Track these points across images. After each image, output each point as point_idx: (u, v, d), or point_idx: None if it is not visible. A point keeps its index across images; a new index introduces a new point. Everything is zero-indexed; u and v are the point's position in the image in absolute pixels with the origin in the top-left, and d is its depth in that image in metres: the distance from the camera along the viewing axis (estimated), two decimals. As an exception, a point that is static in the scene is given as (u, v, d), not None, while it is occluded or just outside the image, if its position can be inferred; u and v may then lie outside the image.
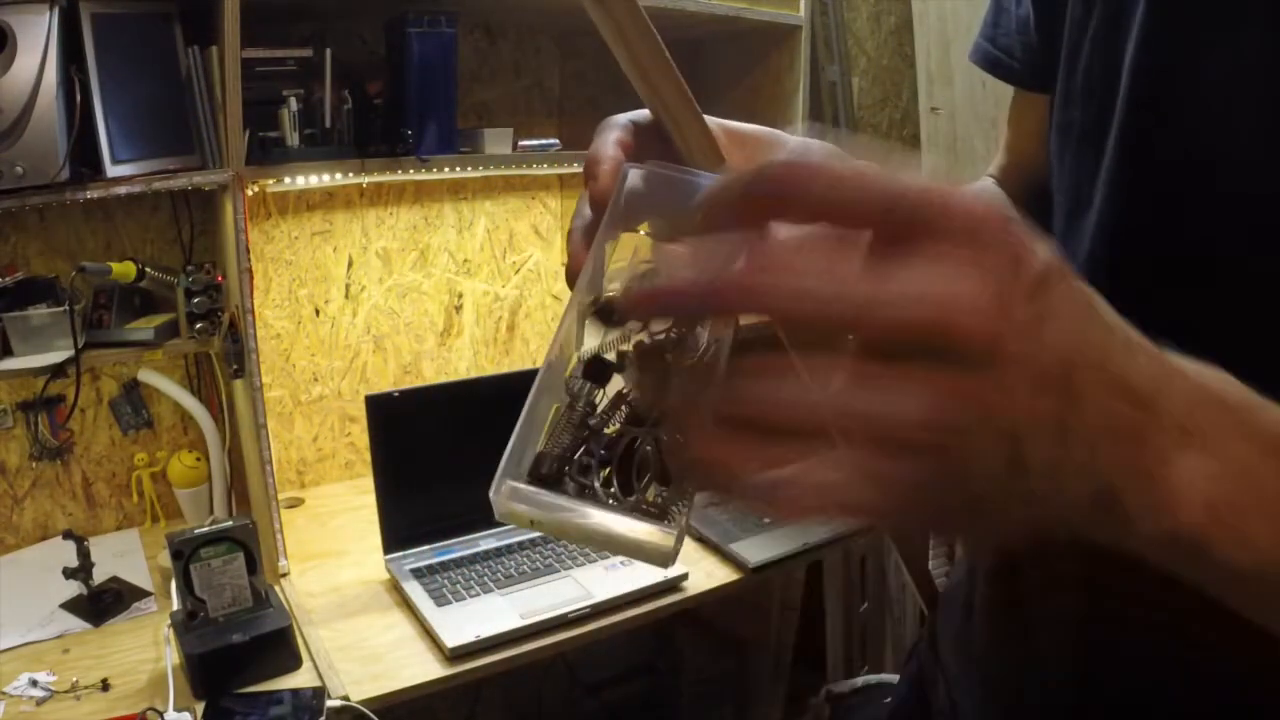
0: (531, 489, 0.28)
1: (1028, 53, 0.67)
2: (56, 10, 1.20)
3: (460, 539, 1.56)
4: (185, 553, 1.21)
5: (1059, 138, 0.63)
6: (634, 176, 0.34)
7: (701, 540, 1.60)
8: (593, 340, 0.32)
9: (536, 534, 1.57)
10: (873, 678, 2.13)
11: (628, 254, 0.34)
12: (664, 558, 0.25)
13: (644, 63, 0.33)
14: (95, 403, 1.64)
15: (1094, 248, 0.57)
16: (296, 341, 1.79)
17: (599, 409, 0.30)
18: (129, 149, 1.31)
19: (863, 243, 0.28)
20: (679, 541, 0.25)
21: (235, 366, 1.43)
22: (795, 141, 0.46)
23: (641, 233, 0.33)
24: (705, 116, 0.44)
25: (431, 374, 1.94)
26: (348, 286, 1.83)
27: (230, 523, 1.25)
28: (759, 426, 0.26)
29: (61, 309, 1.41)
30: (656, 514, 0.26)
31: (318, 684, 1.21)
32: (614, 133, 0.38)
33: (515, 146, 1.69)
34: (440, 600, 1.38)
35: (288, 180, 1.53)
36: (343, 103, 1.53)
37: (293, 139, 1.46)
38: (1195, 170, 0.51)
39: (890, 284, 0.25)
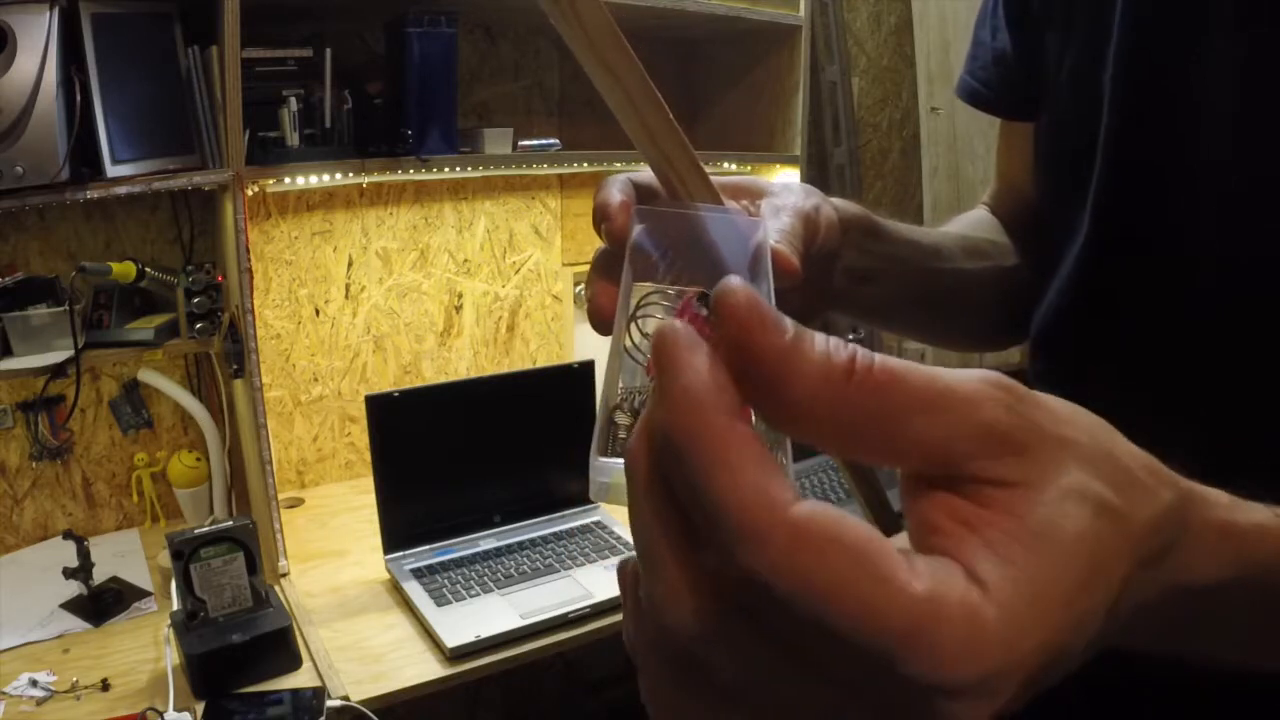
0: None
1: (1005, 84, 0.69)
2: (56, 10, 1.20)
3: (460, 539, 1.56)
4: (185, 553, 1.21)
5: (1046, 166, 0.64)
6: (643, 217, 0.36)
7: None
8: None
9: (537, 534, 1.58)
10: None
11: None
12: None
13: (651, 126, 0.35)
14: (95, 403, 1.64)
15: (1078, 271, 0.59)
16: (296, 341, 1.79)
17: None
18: (129, 149, 1.31)
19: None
20: None
21: (235, 366, 1.43)
22: (778, 186, 0.47)
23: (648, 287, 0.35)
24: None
25: (431, 374, 1.94)
26: (348, 286, 1.83)
27: (230, 523, 1.25)
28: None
29: (61, 309, 1.41)
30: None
31: (318, 684, 1.21)
32: (618, 183, 0.40)
33: (515, 146, 1.69)
34: (440, 600, 1.38)
35: (288, 180, 1.53)
36: (343, 103, 1.53)
37: (293, 139, 1.46)
38: (1177, 191, 0.52)
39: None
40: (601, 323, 0.39)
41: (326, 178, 1.52)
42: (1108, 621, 0.23)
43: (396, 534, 1.51)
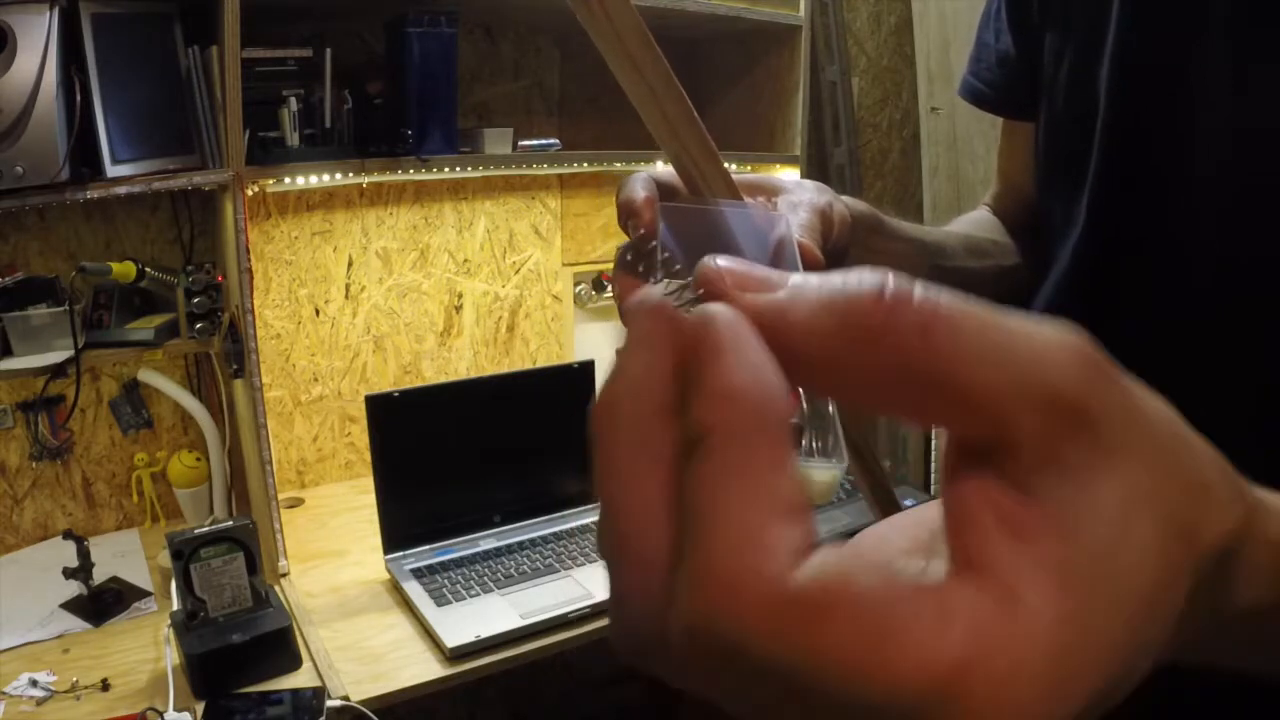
0: None
1: (1009, 84, 0.70)
2: (56, 10, 1.20)
3: (460, 539, 1.56)
4: (185, 553, 1.21)
5: (1044, 164, 0.64)
6: (667, 214, 0.37)
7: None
8: None
9: (536, 534, 1.58)
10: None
11: None
12: (831, 490, 0.28)
13: (674, 122, 0.35)
14: (95, 403, 1.64)
15: (1074, 268, 0.59)
16: (296, 341, 1.79)
17: None
18: (129, 149, 1.31)
19: None
20: (842, 472, 0.28)
21: (235, 366, 1.43)
22: (791, 183, 0.47)
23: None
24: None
25: (431, 374, 1.94)
26: (348, 286, 1.83)
27: (230, 523, 1.25)
28: None
29: (61, 309, 1.41)
30: (822, 454, 0.29)
31: (318, 684, 1.21)
32: (641, 181, 0.40)
33: (515, 146, 1.69)
34: (440, 600, 1.38)
35: (288, 180, 1.53)
36: (343, 103, 1.53)
37: (293, 139, 1.46)
38: (1170, 191, 0.53)
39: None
40: None
41: (326, 178, 1.52)
42: (1161, 650, 0.20)
43: (396, 534, 1.51)
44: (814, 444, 0.29)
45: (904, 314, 0.18)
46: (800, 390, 0.27)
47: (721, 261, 0.21)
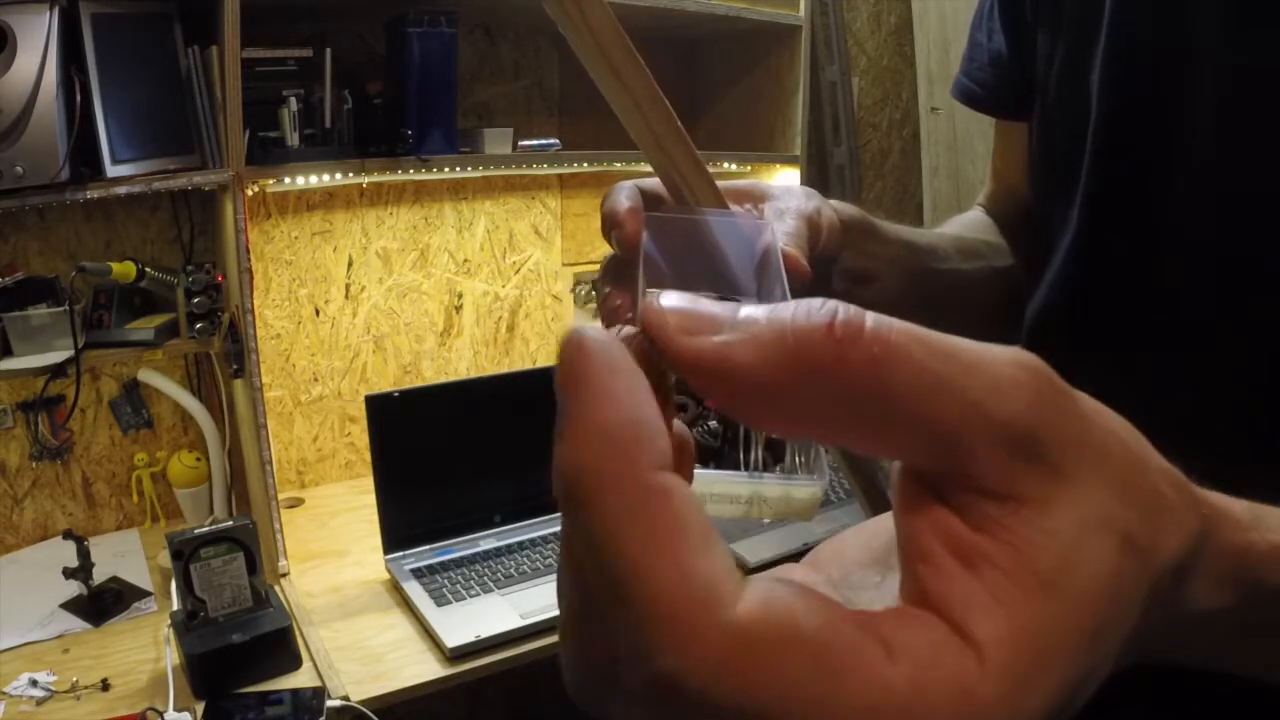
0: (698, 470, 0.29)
1: (1001, 84, 0.69)
2: (56, 10, 1.20)
3: (460, 539, 1.56)
4: (185, 553, 1.21)
5: (1037, 164, 0.65)
6: (651, 223, 0.36)
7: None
8: None
9: (536, 534, 1.58)
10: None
11: None
12: (812, 508, 0.27)
13: (658, 132, 0.35)
14: (95, 403, 1.64)
15: (1069, 267, 0.59)
16: (296, 341, 1.79)
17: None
18: (129, 149, 1.31)
19: None
20: (823, 490, 0.28)
21: (235, 366, 1.43)
22: (779, 189, 0.47)
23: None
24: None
25: (431, 374, 1.94)
26: (348, 286, 1.83)
27: (230, 523, 1.25)
28: None
29: (61, 309, 1.41)
30: (805, 469, 0.28)
31: (318, 684, 1.21)
32: (625, 190, 0.40)
33: (515, 146, 1.69)
34: (440, 600, 1.38)
35: (288, 180, 1.53)
36: (343, 103, 1.53)
37: (293, 139, 1.46)
38: (1163, 190, 0.53)
39: None
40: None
41: (326, 178, 1.52)
42: (1117, 662, 0.20)
43: (396, 534, 1.51)
44: (796, 459, 0.28)
45: (854, 348, 0.18)
46: None
47: (665, 302, 0.20)
